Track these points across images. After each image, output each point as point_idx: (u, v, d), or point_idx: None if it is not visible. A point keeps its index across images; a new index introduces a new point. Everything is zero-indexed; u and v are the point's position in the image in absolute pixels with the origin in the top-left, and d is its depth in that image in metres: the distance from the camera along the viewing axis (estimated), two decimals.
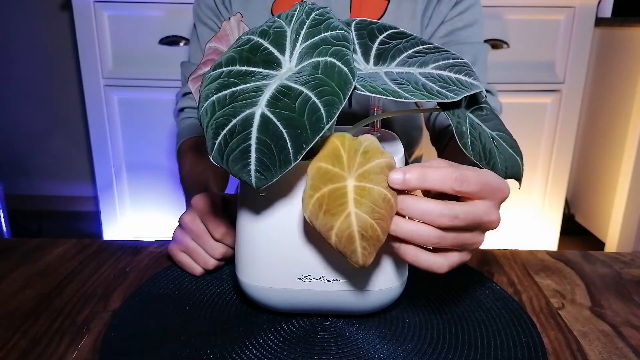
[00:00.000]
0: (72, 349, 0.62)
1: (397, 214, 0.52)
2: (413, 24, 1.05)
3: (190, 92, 1.14)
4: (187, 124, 1.14)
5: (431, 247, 0.53)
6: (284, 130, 0.47)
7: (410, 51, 0.58)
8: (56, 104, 2.70)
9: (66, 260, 0.84)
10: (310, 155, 0.52)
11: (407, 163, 0.71)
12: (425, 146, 1.28)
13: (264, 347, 0.62)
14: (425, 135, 1.28)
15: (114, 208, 2.14)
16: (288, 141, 0.47)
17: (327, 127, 0.47)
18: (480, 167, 0.55)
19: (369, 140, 0.51)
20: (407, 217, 0.52)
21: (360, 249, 0.52)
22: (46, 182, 2.83)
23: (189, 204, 0.84)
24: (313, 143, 0.47)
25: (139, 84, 1.99)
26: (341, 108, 0.48)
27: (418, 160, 1.34)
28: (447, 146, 1.05)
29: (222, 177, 1.03)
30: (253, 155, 0.47)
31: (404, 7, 1.05)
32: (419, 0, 1.05)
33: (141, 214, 2.15)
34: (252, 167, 0.47)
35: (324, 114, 0.48)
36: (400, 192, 0.52)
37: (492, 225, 0.54)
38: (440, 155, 1.14)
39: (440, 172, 0.50)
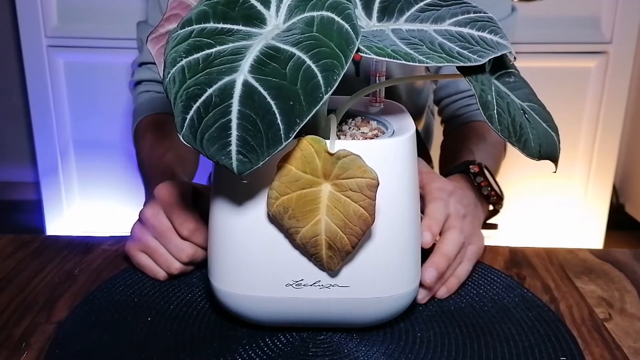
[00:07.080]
0: None
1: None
2: None
3: (149, 62, 1.12)
4: (145, 99, 1.13)
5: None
6: (272, 102, 0.47)
7: (421, 3, 0.58)
8: None
9: (1, 260, 0.84)
10: (303, 132, 0.52)
11: (418, 141, 0.74)
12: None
13: None
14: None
15: (60, 196, 2.13)
16: (278, 115, 0.47)
17: (325, 97, 0.47)
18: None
19: (349, 157, 0.53)
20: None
21: (325, 257, 0.57)
22: None
23: (149, 195, 0.83)
24: (309, 117, 0.47)
25: (90, 44, 1.97)
26: (342, 74, 0.47)
27: (428, 133, 1.33)
28: (456, 129, 1.12)
29: (190, 162, 1.03)
30: (234, 133, 0.47)
31: None
32: None
33: (92, 203, 2.15)
34: (233, 147, 0.47)
35: (321, 82, 0.47)
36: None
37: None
38: (446, 136, 1.16)
39: (454, 245, 0.74)
